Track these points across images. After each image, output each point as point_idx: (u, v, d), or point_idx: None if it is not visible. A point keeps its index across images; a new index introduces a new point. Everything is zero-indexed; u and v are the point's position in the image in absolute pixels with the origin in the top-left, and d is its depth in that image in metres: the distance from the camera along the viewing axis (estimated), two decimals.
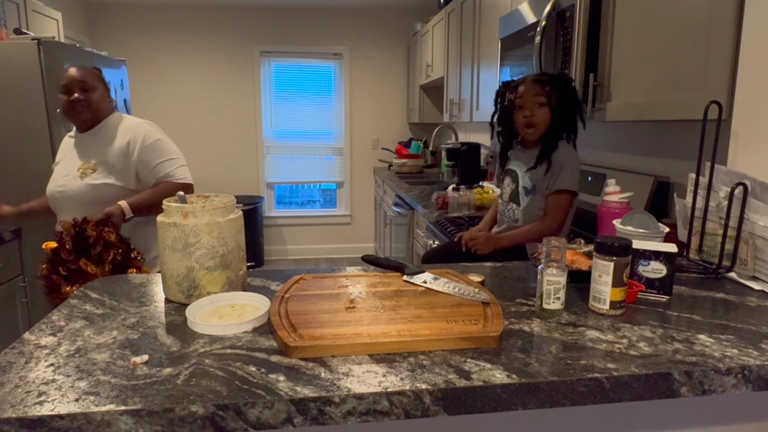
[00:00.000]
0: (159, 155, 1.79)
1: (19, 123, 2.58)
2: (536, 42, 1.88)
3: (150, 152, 1.77)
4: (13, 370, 0.77)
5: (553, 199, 1.67)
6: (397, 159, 4.66)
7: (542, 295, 0.96)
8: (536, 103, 1.66)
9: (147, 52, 4.78)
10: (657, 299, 1.06)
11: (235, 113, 5.02)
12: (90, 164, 1.75)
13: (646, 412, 0.93)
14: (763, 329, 0.91)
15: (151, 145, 1.78)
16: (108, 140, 1.78)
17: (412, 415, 0.72)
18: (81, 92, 1.75)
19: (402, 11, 5.06)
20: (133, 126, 1.82)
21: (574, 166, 1.66)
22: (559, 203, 1.66)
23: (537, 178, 1.70)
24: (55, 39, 2.64)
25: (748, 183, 1.14)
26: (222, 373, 0.76)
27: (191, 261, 1.03)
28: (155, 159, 1.78)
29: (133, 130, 1.79)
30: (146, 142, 1.78)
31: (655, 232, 1.21)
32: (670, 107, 1.35)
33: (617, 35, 1.58)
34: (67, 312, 1.00)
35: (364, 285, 1.12)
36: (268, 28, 4.94)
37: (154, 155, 1.78)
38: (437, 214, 2.60)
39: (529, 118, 1.67)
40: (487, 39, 2.87)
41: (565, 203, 1.66)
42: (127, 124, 1.82)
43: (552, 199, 1.67)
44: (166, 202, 1.09)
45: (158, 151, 1.79)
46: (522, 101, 1.69)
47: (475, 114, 3.16)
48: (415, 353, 0.82)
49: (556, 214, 1.66)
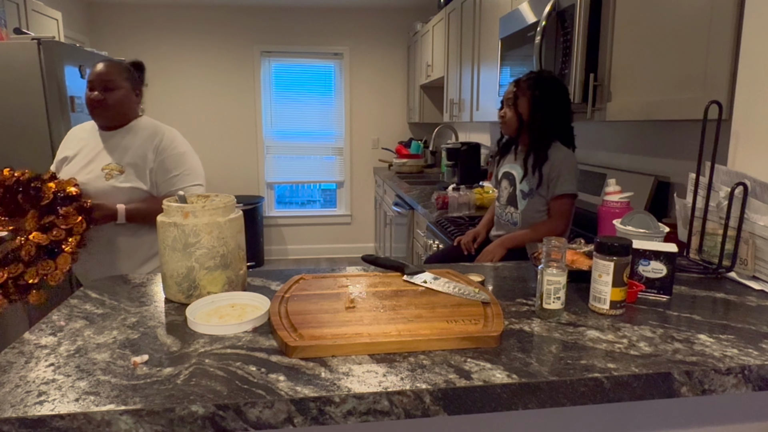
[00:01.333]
0: (179, 167, 1.73)
1: (19, 123, 2.58)
2: (536, 42, 1.88)
3: (172, 161, 1.72)
4: (13, 370, 0.77)
5: (555, 204, 1.67)
6: (397, 159, 4.66)
7: (542, 295, 0.96)
8: (508, 103, 1.71)
9: (147, 52, 4.78)
10: (657, 299, 1.06)
11: (236, 113, 5.02)
12: (117, 166, 1.67)
13: (646, 412, 0.93)
14: (763, 329, 0.91)
15: (176, 155, 1.73)
16: (137, 143, 1.71)
17: (412, 414, 0.72)
18: (102, 91, 1.67)
19: (402, 11, 5.06)
20: (164, 131, 1.75)
21: (570, 168, 1.66)
22: (562, 207, 1.66)
23: (531, 184, 1.71)
24: (55, 39, 2.64)
25: (748, 183, 1.14)
26: (222, 373, 0.76)
27: (191, 261, 1.03)
28: (174, 169, 1.72)
29: (163, 136, 1.73)
30: (173, 151, 1.72)
31: (655, 232, 1.21)
32: (671, 107, 1.35)
33: (617, 35, 1.58)
34: (67, 312, 1.00)
35: (364, 285, 1.12)
36: (268, 28, 4.94)
37: (174, 165, 1.72)
38: (437, 214, 2.60)
39: (501, 116, 1.73)
40: (487, 39, 2.87)
41: (568, 206, 1.67)
42: (159, 128, 1.76)
43: (554, 204, 1.68)
44: (166, 201, 1.09)
45: (180, 163, 1.73)
46: (503, 98, 1.74)
47: (475, 114, 3.16)
48: (416, 353, 0.82)
49: (560, 218, 1.67)
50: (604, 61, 1.63)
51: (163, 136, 1.73)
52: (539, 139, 1.67)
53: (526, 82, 1.68)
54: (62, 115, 2.62)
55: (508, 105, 1.72)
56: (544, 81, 1.65)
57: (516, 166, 1.78)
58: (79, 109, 2.75)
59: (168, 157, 1.71)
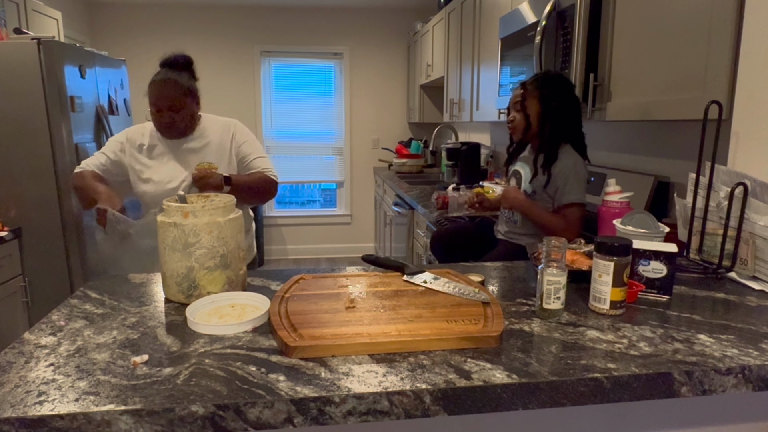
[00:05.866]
0: (255, 151, 1.87)
1: (19, 123, 2.58)
2: (536, 42, 1.88)
3: (248, 147, 1.85)
4: (13, 370, 0.77)
5: (565, 213, 1.65)
6: (397, 159, 4.66)
7: (542, 295, 0.96)
8: (516, 107, 1.70)
9: (147, 52, 4.77)
10: (657, 299, 1.06)
11: (236, 113, 4.99)
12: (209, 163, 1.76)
13: (646, 412, 0.93)
14: (763, 329, 0.91)
15: (249, 141, 1.87)
16: (214, 139, 1.80)
17: (412, 415, 0.72)
18: (169, 112, 1.70)
19: (402, 11, 5.06)
20: (228, 122, 1.87)
21: (579, 176, 1.63)
22: (570, 217, 1.64)
23: (537, 186, 1.70)
24: (55, 39, 2.64)
25: (749, 183, 1.14)
26: (222, 373, 0.76)
27: (191, 261, 1.03)
28: (253, 153, 1.86)
29: (230, 127, 1.85)
30: (246, 137, 1.86)
31: (655, 232, 1.21)
32: (671, 107, 1.35)
33: (617, 35, 1.58)
34: (67, 312, 1.00)
35: (364, 285, 1.11)
36: (268, 27, 4.94)
37: (251, 149, 1.86)
38: (437, 213, 2.60)
39: (509, 120, 1.72)
40: (487, 39, 2.87)
41: (575, 215, 1.64)
42: (221, 121, 1.87)
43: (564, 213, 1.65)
44: (166, 201, 1.09)
45: (254, 147, 1.88)
46: (509, 104, 1.73)
47: (475, 114, 3.16)
48: (416, 353, 0.82)
49: (572, 227, 1.63)
50: (604, 61, 1.63)
51: (234, 127, 1.87)
52: (550, 137, 1.65)
53: (533, 83, 1.66)
54: (62, 115, 2.61)
55: (516, 109, 1.70)
56: (552, 79, 1.64)
57: (525, 166, 1.77)
58: (79, 109, 2.75)
59: (243, 143, 1.85)
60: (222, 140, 1.82)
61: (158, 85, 1.70)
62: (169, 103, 1.69)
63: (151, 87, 1.71)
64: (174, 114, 1.70)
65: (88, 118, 2.87)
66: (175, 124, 1.72)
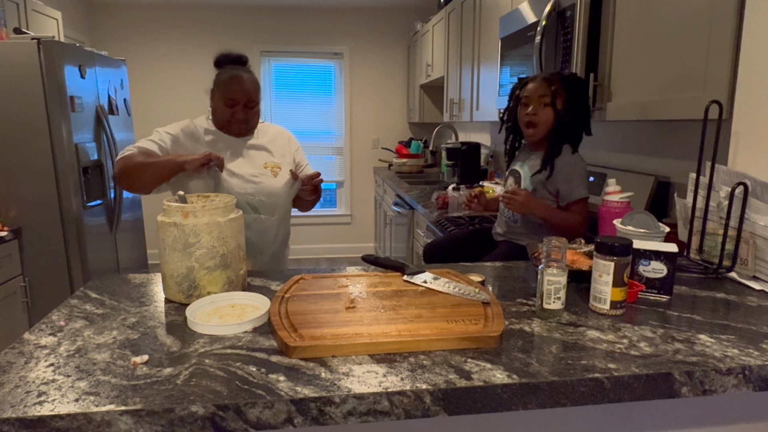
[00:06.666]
0: (303, 158, 1.93)
1: (19, 123, 2.58)
2: (536, 42, 1.88)
3: (300, 155, 1.92)
4: (13, 370, 0.77)
5: (575, 209, 1.66)
6: (397, 159, 4.66)
7: (542, 295, 0.96)
8: (541, 102, 1.64)
9: (147, 52, 4.78)
10: (657, 299, 1.06)
11: None
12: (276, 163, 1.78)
13: (646, 412, 0.93)
14: (763, 329, 0.91)
15: (300, 149, 1.93)
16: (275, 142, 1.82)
17: (412, 415, 0.72)
18: (244, 110, 1.67)
19: (402, 11, 5.06)
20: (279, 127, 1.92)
21: (582, 173, 1.66)
22: (584, 211, 1.66)
23: (537, 182, 1.69)
24: (55, 39, 2.63)
25: (749, 183, 1.14)
26: (222, 373, 0.76)
27: (191, 261, 1.03)
28: (304, 161, 1.93)
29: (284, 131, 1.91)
30: (298, 145, 1.93)
31: (655, 231, 1.21)
32: (671, 107, 1.34)
33: (617, 35, 1.58)
34: (67, 312, 1.00)
35: (365, 285, 1.11)
36: (268, 28, 4.93)
37: (302, 158, 1.92)
38: (437, 213, 2.60)
39: (531, 116, 1.66)
40: (487, 39, 2.87)
41: (587, 209, 1.67)
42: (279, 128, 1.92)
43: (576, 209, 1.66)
44: (166, 201, 1.09)
45: (303, 155, 1.94)
46: (528, 99, 1.68)
47: (475, 114, 3.16)
48: (416, 353, 0.82)
49: (586, 222, 1.66)
50: (604, 61, 1.63)
51: (288, 133, 1.92)
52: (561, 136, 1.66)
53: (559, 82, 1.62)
54: (62, 115, 2.61)
55: (545, 103, 1.64)
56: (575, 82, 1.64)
57: (524, 165, 1.77)
58: (79, 109, 2.75)
59: (297, 150, 1.91)
60: (281, 143, 1.84)
61: (237, 80, 1.66)
62: (248, 99, 1.67)
63: (229, 83, 1.66)
64: (249, 110, 1.69)
65: (88, 118, 2.87)
66: (248, 120, 1.71)
